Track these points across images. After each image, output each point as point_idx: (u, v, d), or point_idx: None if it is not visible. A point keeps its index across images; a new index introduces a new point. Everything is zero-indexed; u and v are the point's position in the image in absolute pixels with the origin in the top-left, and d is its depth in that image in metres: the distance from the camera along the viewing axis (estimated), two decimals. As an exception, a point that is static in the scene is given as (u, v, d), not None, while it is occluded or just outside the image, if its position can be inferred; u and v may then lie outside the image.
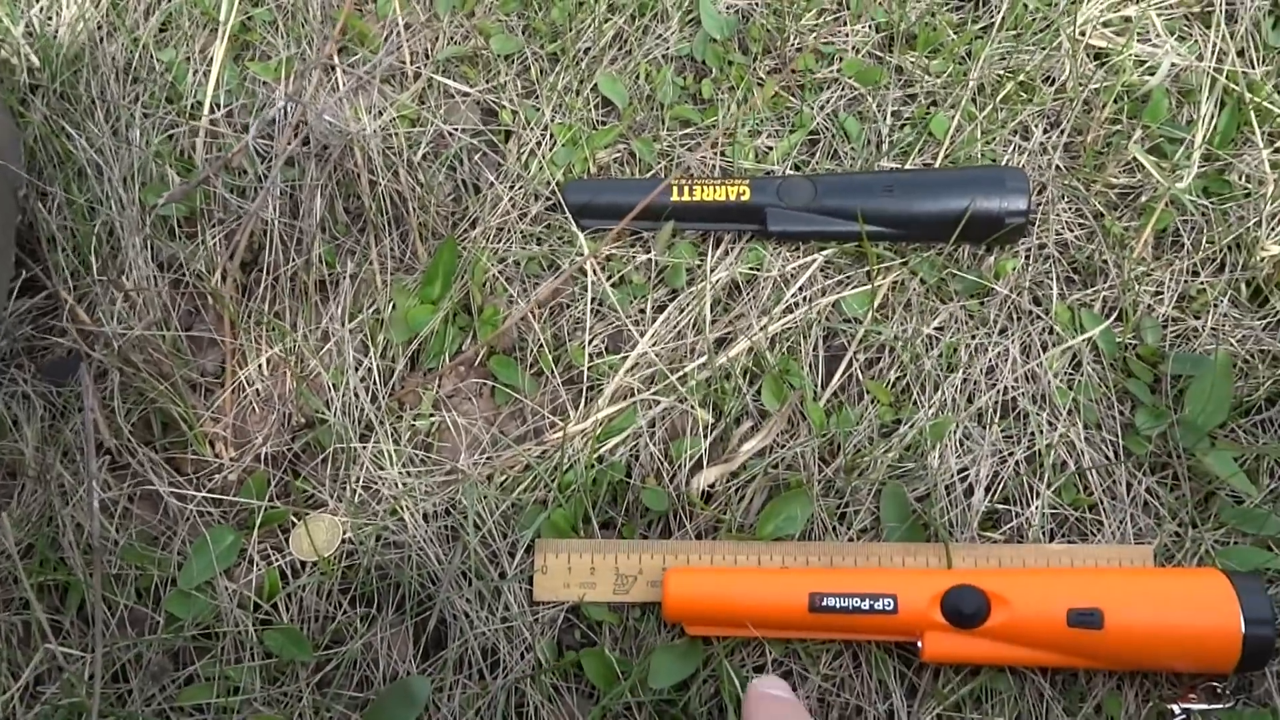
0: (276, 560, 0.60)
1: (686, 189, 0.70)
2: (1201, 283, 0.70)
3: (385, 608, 0.59)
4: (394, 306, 0.67)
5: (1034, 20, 0.80)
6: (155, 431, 0.63)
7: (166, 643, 0.57)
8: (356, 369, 0.65)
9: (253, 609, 0.58)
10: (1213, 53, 0.77)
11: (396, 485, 0.61)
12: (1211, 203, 0.72)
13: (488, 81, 0.79)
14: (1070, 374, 0.66)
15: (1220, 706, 0.55)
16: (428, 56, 0.80)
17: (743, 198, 0.69)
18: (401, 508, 0.60)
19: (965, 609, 0.54)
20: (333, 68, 0.78)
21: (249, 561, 0.60)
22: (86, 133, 0.73)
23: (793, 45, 0.80)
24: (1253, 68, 0.78)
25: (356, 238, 0.71)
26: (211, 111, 0.76)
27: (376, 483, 0.61)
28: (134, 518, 0.61)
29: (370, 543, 0.60)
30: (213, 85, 0.77)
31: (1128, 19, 0.79)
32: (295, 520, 0.60)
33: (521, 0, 0.82)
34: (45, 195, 0.71)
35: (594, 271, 0.68)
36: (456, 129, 0.75)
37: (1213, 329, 0.68)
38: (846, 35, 0.80)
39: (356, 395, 0.64)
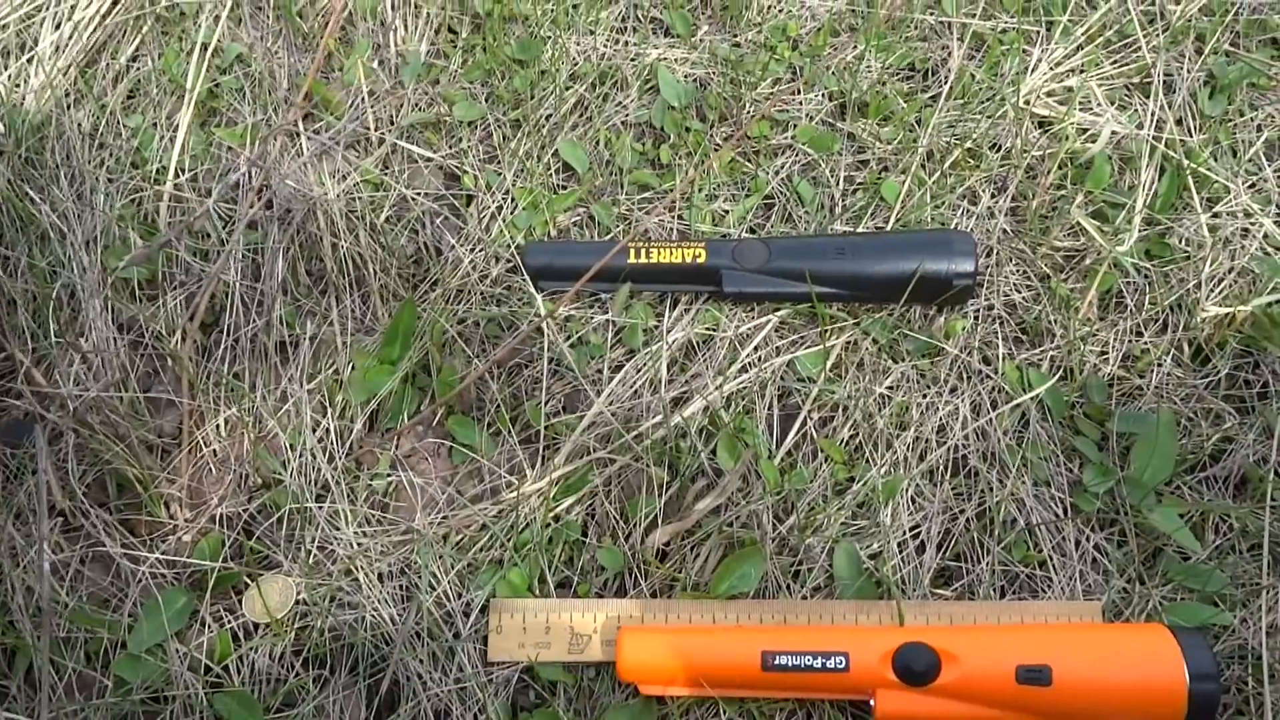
0: (230, 622, 0.59)
1: (644, 251, 0.71)
2: (1145, 342, 0.71)
3: (338, 669, 0.59)
4: (353, 367, 0.68)
5: (980, 90, 0.82)
6: (110, 493, 0.63)
7: (114, 707, 0.56)
8: (314, 429, 0.65)
9: (203, 672, 0.58)
10: (1152, 121, 0.80)
11: (351, 545, 0.61)
12: (1154, 265, 0.74)
13: (450, 147, 0.80)
14: (1020, 432, 0.68)
15: (1169, 762, 0.55)
16: (392, 123, 0.82)
17: (698, 260, 0.71)
18: (356, 568, 0.60)
19: (916, 666, 0.54)
20: (297, 134, 0.80)
21: (201, 624, 0.59)
22: (50, 197, 0.74)
23: (748, 113, 0.82)
24: (1190, 135, 0.81)
25: (318, 299, 0.72)
26: (176, 176, 0.77)
27: (331, 543, 0.61)
28: (85, 580, 0.61)
29: (324, 604, 0.59)
30: (178, 150, 0.78)
31: (1070, 89, 0.82)
32: (249, 581, 0.60)
33: (485, 69, 0.84)
34: (6, 259, 0.71)
35: (551, 331, 0.69)
36: (419, 193, 0.77)
37: (1156, 388, 0.69)
38: (800, 103, 0.83)
39: (313, 456, 0.64)
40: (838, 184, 0.78)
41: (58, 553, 0.60)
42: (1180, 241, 0.75)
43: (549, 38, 0.85)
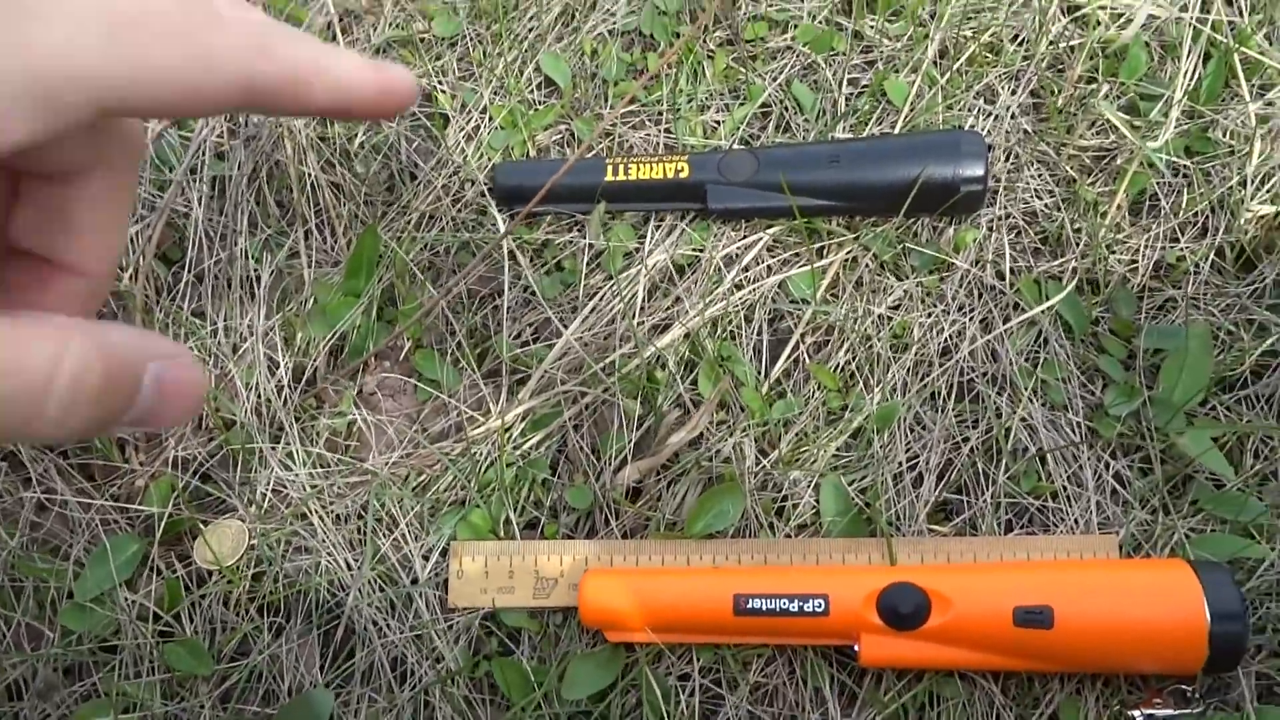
0: (180, 570, 0.57)
1: (622, 168, 0.66)
2: (1181, 248, 0.64)
3: (293, 617, 0.56)
4: (314, 301, 0.64)
5: (1001, -24, 0.74)
6: (65, 437, 0.61)
7: (61, 658, 0.54)
8: (276, 368, 0.62)
9: (153, 621, 0.55)
10: (1196, 1, 0.72)
11: (305, 488, 0.58)
12: (1194, 162, 0.66)
13: (429, 65, 0.75)
14: (1035, 352, 0.62)
15: (1188, 711, 0.50)
16: (369, 42, 0.77)
17: (681, 175, 0.65)
18: (311, 511, 0.57)
19: (903, 609, 0.50)
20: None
21: (154, 571, 0.57)
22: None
23: (745, 14, 0.75)
24: (1241, 16, 0.72)
25: (285, 230, 0.68)
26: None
27: (285, 486, 0.58)
28: (32, 526, 0.58)
29: (278, 549, 0.57)
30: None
31: (1103, -30, 0.74)
32: (203, 527, 0.57)
33: (467, -20, 0.78)
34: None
35: (517, 256, 0.64)
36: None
37: (1193, 298, 0.62)
38: (803, 1, 0.76)
39: (268, 397, 0.61)
40: (840, 87, 0.71)
41: (8, 496, 0.58)
42: (1225, 135, 0.67)
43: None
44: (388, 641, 0.54)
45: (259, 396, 0.60)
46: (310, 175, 0.68)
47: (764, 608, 0.50)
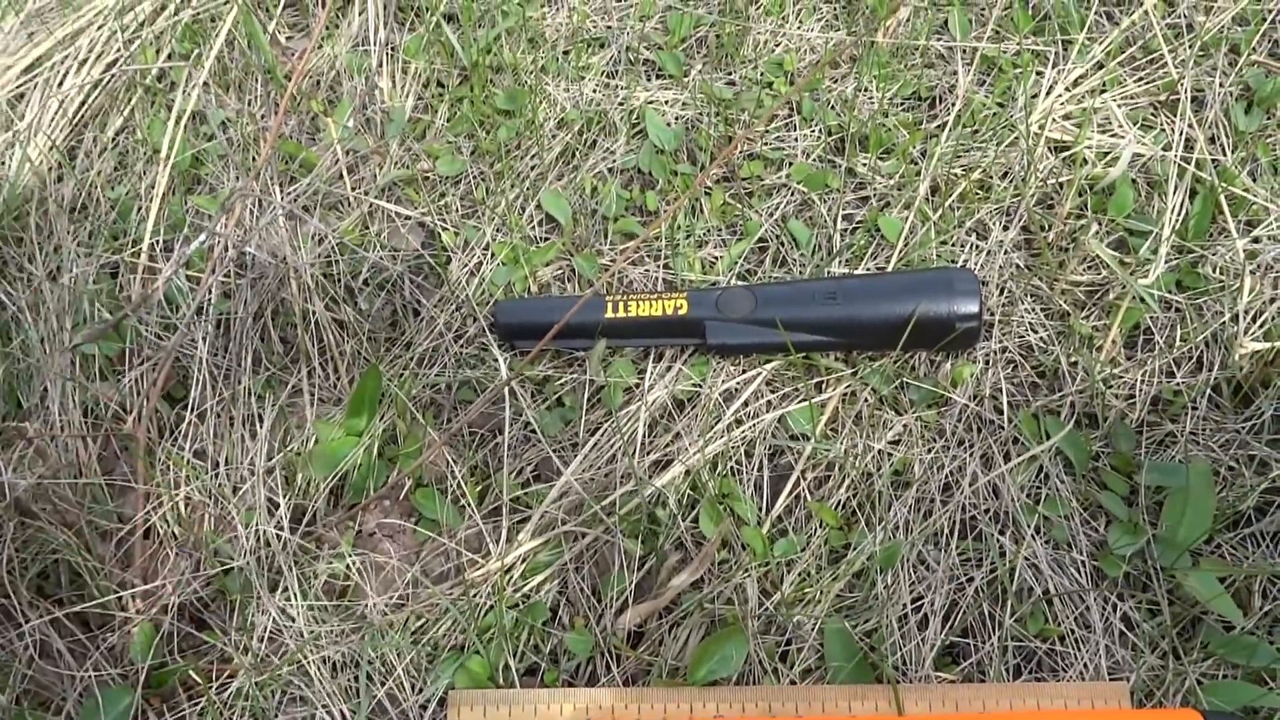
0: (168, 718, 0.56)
1: (621, 305, 0.67)
2: (1177, 383, 0.65)
3: (289, 770, 0.55)
4: (316, 440, 0.64)
5: (989, 116, 0.77)
6: (62, 583, 0.60)
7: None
8: (276, 509, 0.62)
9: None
10: (1180, 140, 0.74)
11: (302, 634, 0.57)
12: (1185, 297, 0.67)
13: (432, 203, 0.77)
14: (1036, 488, 0.61)
15: None
16: (375, 180, 0.79)
17: (680, 311, 0.66)
18: (307, 660, 0.56)
19: (911, 762, 0.48)
20: (269, 197, 0.77)
21: (147, 722, 0.56)
22: (26, 273, 0.73)
23: (741, 152, 0.77)
24: (1224, 154, 0.74)
25: (288, 368, 0.69)
26: (151, 248, 0.75)
27: (282, 633, 0.57)
28: (25, 679, 0.57)
29: (273, 700, 0.56)
30: (152, 220, 0.76)
31: (1087, 110, 0.76)
32: (196, 678, 0.56)
33: (471, 122, 0.81)
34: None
35: (517, 393, 0.64)
36: (396, 252, 0.74)
37: (1191, 434, 0.62)
38: (796, 139, 0.78)
39: (268, 540, 0.60)
40: (835, 223, 0.73)
41: (2, 649, 0.58)
42: (1215, 270, 0.68)
43: (536, 87, 0.82)
44: (383, 797, 0.53)
45: (258, 539, 0.60)
46: (315, 313, 0.69)
47: (769, 761, 0.49)
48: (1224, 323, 0.65)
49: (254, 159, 0.81)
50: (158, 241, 0.76)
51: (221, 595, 0.60)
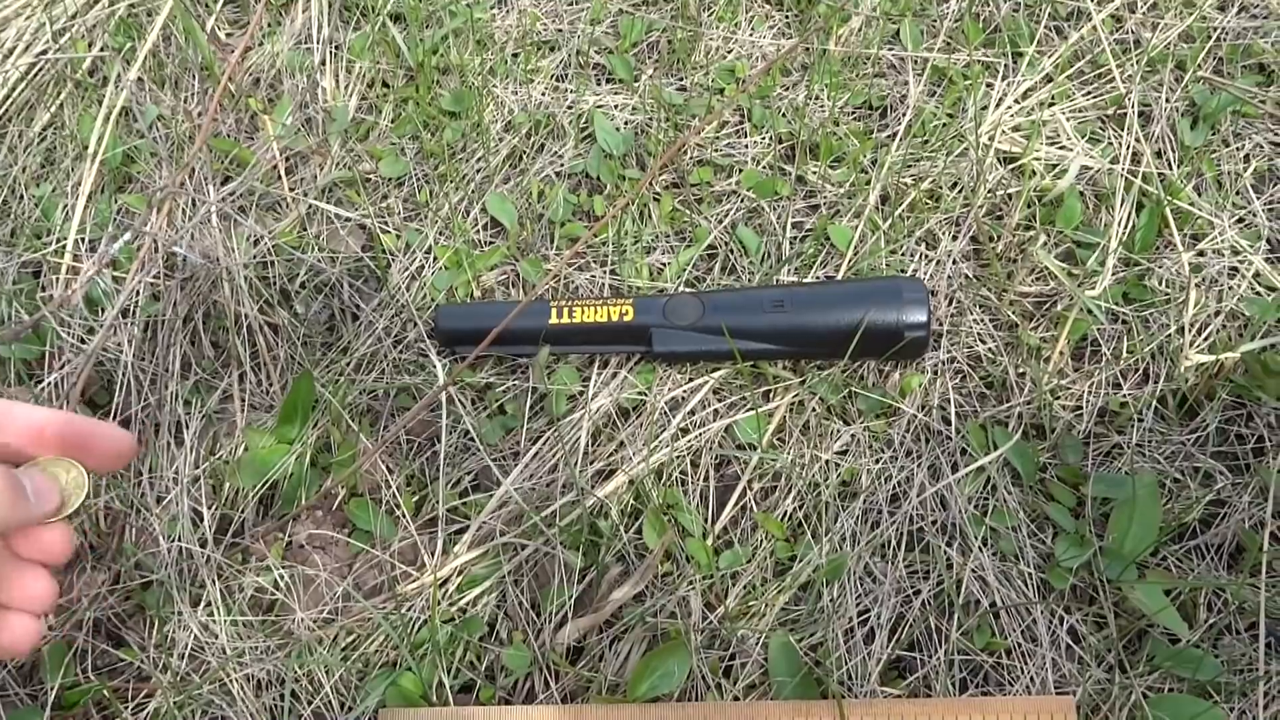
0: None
1: (566, 310, 0.65)
2: (1124, 395, 0.64)
3: (209, 793, 0.52)
4: (245, 449, 0.62)
5: (940, 127, 0.76)
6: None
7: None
8: (201, 520, 0.59)
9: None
10: (1127, 154, 0.74)
11: (225, 652, 0.54)
12: (1132, 309, 0.67)
13: (373, 205, 0.75)
14: (985, 499, 0.61)
15: None
16: (315, 181, 0.77)
17: (626, 318, 0.65)
18: (230, 677, 0.54)
19: (855, 780, 0.47)
20: (201, 195, 0.75)
21: (58, 745, 0.53)
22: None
23: (691, 159, 0.76)
24: (1170, 168, 0.74)
25: (218, 373, 0.66)
26: (76, 249, 0.72)
27: (204, 649, 0.55)
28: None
29: None
30: (78, 218, 0.73)
31: (1036, 123, 0.76)
32: (109, 697, 0.53)
33: (416, 123, 0.79)
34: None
35: (458, 401, 0.63)
36: (336, 255, 0.71)
37: (1138, 445, 0.62)
38: (747, 146, 0.77)
39: (190, 552, 0.58)
40: (785, 231, 0.72)
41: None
42: (1161, 283, 0.68)
43: (483, 89, 0.80)
44: (308, 820, 0.50)
45: (180, 551, 0.57)
46: (248, 316, 0.67)
47: (710, 780, 0.48)
48: (1170, 335, 0.65)
49: (187, 158, 0.78)
50: (83, 240, 0.73)
51: (140, 610, 0.57)
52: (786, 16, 0.86)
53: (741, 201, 0.74)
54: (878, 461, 0.62)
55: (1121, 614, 0.56)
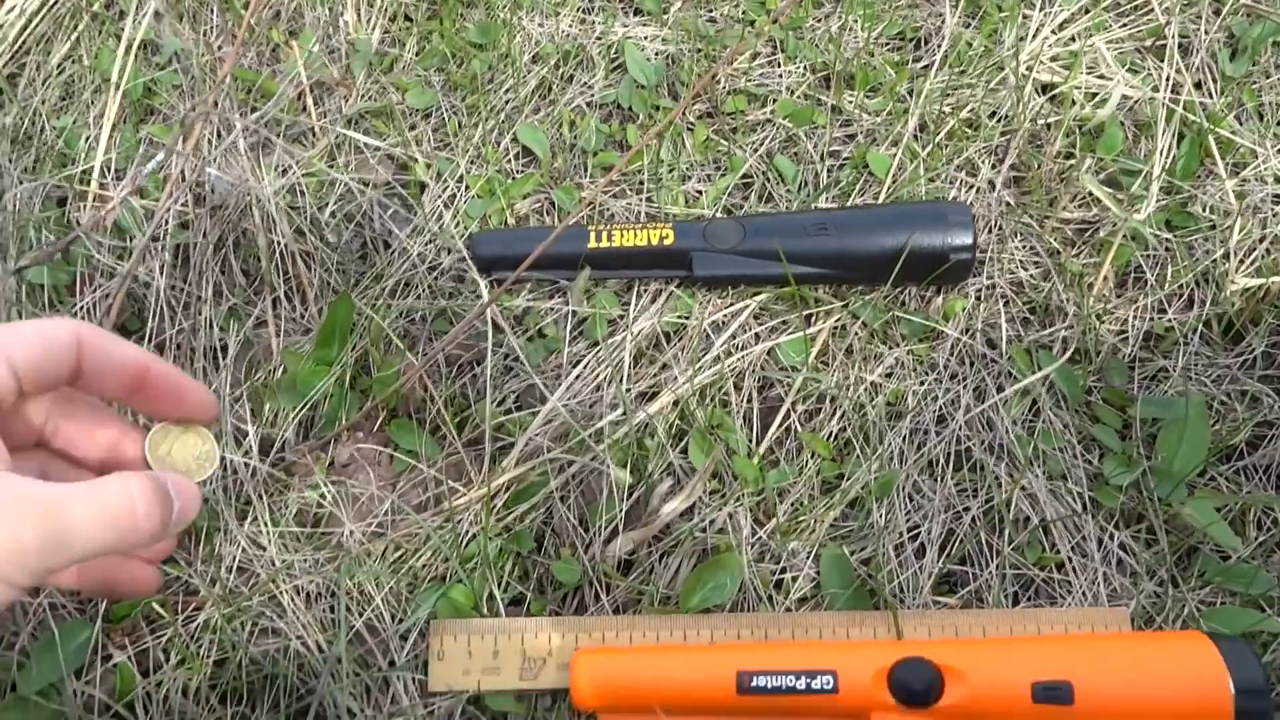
0: (134, 657, 0.52)
1: (605, 234, 0.64)
2: (1169, 319, 0.64)
3: (259, 705, 0.51)
4: (284, 370, 0.61)
5: (977, 57, 0.75)
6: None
7: (0, 756, 0.49)
8: (244, 439, 0.59)
9: (105, 713, 0.50)
10: (1167, 84, 0.73)
11: (274, 564, 0.54)
12: (1175, 236, 0.67)
13: (400, 136, 0.74)
14: (1030, 421, 0.60)
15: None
16: (340, 113, 0.76)
17: (666, 241, 0.64)
18: (279, 590, 0.53)
19: (916, 685, 0.47)
20: (230, 123, 0.74)
21: (104, 661, 0.52)
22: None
23: (724, 88, 0.75)
24: (1211, 99, 0.74)
25: (252, 300, 0.66)
26: (102, 176, 0.71)
27: (252, 563, 0.54)
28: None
29: (243, 632, 0.52)
30: (103, 148, 0.72)
31: (1075, 54, 0.75)
32: (161, 611, 0.53)
33: (441, 55, 0.77)
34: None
35: (500, 322, 0.62)
36: (366, 183, 0.70)
37: (1184, 369, 0.62)
38: (781, 76, 0.76)
39: (234, 470, 0.57)
40: (822, 159, 0.71)
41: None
42: (1204, 209, 0.68)
43: (510, 21, 0.79)
44: (362, 730, 0.50)
45: (225, 469, 0.57)
46: (280, 244, 0.66)
47: (769, 685, 0.47)
48: (1215, 260, 0.65)
49: (209, 87, 0.77)
50: (108, 169, 0.72)
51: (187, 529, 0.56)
52: (817, -51, 0.84)
53: (777, 130, 0.73)
54: (922, 384, 0.61)
55: (1172, 531, 0.56)
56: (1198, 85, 0.74)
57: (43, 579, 0.34)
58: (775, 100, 0.74)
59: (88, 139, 0.73)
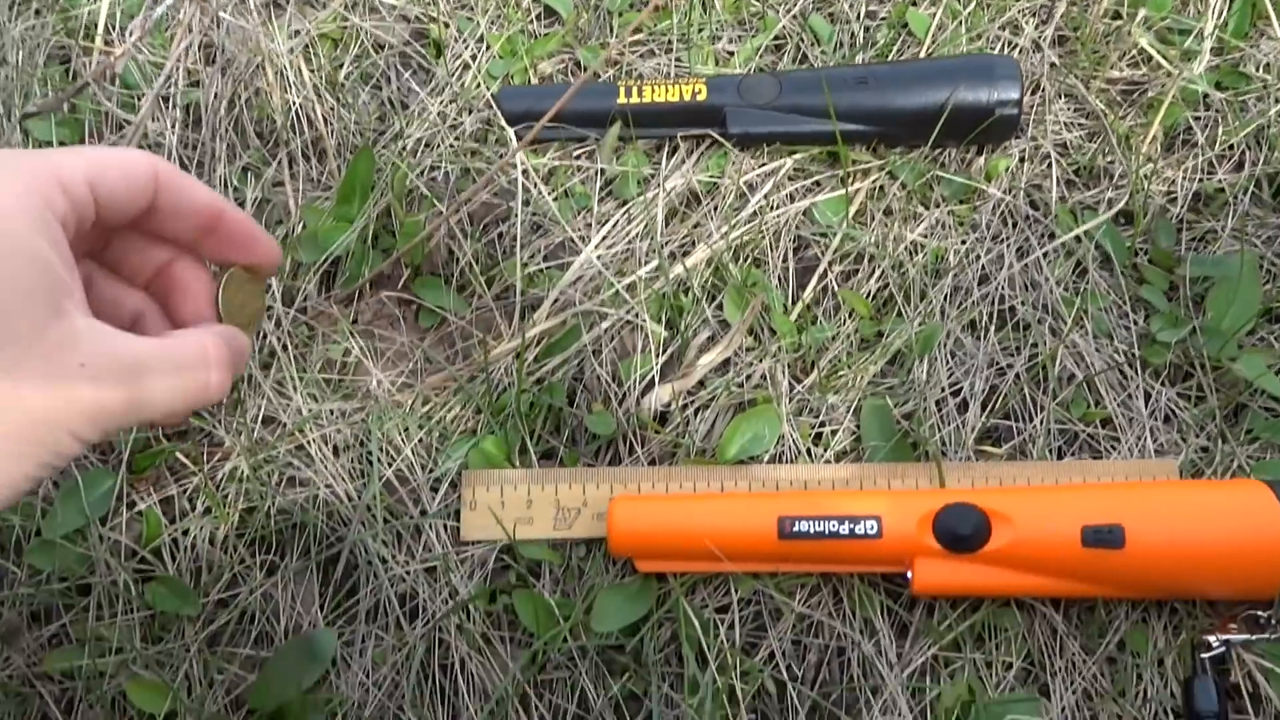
0: (159, 506, 0.51)
1: (635, 90, 0.62)
2: (1219, 180, 0.62)
3: (288, 553, 0.50)
4: (304, 226, 0.59)
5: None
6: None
7: (29, 598, 0.49)
8: (268, 287, 0.57)
9: (131, 559, 0.50)
10: (1218, -58, 0.70)
11: (301, 413, 0.52)
12: (1226, 96, 0.64)
13: (418, -4, 0.71)
14: (1075, 281, 0.59)
15: (1265, 637, 0.46)
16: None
17: (699, 97, 0.61)
18: (307, 440, 0.52)
19: (962, 530, 0.46)
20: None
21: (129, 508, 0.51)
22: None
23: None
24: (1263, -44, 0.70)
25: (267, 160, 0.63)
26: (107, 32, 0.68)
27: (278, 413, 0.53)
28: None
29: (270, 482, 0.51)
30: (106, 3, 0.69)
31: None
32: (186, 461, 0.52)
33: (458, -87, 0.74)
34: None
35: (528, 174, 0.60)
36: (382, 46, 0.68)
37: (1234, 230, 0.60)
38: (815, -66, 0.73)
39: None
40: (859, 19, 0.68)
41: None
42: (1256, 69, 0.65)
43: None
44: (394, 576, 0.49)
45: (248, 318, 0.55)
46: (295, 102, 0.64)
47: (812, 530, 0.46)
48: (1269, 119, 0.62)
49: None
50: (112, 25, 0.69)
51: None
52: None
53: (811, -11, 0.70)
54: (964, 243, 0.59)
55: (1221, 388, 0.54)
56: (1250, -56, 0.71)
57: (109, 437, 0.35)
58: (809, -42, 0.71)
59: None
